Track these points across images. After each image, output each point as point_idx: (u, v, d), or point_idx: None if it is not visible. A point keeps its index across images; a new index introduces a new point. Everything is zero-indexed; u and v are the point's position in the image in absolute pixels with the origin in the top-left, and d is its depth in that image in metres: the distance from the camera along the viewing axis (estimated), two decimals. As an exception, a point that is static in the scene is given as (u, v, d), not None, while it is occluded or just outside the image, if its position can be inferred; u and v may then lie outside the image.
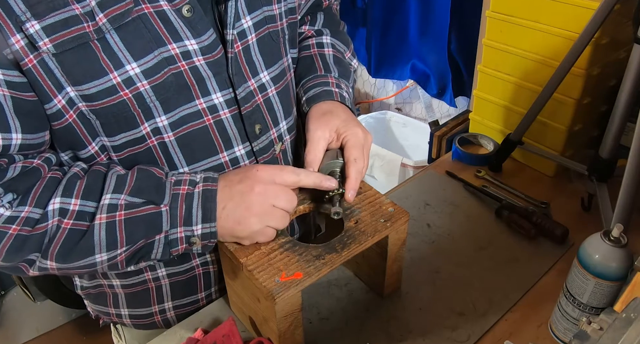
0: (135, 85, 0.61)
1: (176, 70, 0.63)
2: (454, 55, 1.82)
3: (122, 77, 0.60)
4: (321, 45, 0.88)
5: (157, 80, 0.62)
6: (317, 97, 0.81)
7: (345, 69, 0.89)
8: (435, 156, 1.49)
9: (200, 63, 0.65)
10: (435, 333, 0.78)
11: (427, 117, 2.17)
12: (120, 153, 0.66)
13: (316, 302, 0.83)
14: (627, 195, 0.84)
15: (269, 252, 0.68)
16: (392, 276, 0.81)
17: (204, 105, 0.67)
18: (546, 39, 0.99)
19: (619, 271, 0.66)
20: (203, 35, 0.64)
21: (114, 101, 0.61)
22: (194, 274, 0.79)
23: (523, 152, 1.11)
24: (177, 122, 0.66)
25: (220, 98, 0.68)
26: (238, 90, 0.69)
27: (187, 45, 0.63)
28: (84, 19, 0.56)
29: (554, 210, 1.01)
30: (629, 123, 0.91)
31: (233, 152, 0.72)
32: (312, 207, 0.77)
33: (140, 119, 0.64)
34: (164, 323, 0.84)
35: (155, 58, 0.61)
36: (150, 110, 0.63)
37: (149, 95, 0.62)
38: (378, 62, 2.09)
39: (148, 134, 0.65)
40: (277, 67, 0.75)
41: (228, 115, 0.69)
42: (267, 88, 0.74)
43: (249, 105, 0.71)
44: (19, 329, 1.96)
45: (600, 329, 0.55)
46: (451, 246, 0.94)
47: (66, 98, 0.59)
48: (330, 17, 0.94)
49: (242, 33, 0.69)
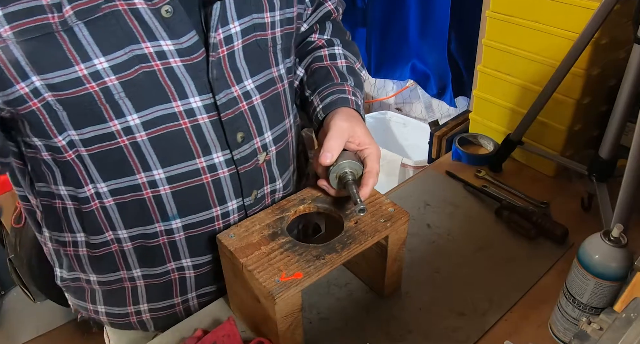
0: (102, 79, 0.60)
1: (149, 69, 0.62)
2: (454, 55, 1.82)
3: (88, 70, 0.59)
4: (334, 56, 0.88)
5: (127, 76, 0.61)
6: (333, 104, 0.80)
7: (359, 80, 0.88)
8: (435, 156, 1.49)
9: (177, 64, 0.64)
10: (435, 333, 0.78)
11: (427, 117, 2.17)
12: (90, 149, 0.65)
13: (316, 302, 0.83)
14: (627, 195, 0.84)
15: (269, 252, 0.68)
16: (392, 276, 0.81)
17: (180, 108, 0.66)
18: (546, 39, 0.99)
19: (619, 271, 0.66)
20: (182, 36, 0.63)
21: (79, 92, 0.60)
22: (170, 278, 0.78)
23: (523, 152, 1.11)
24: (150, 122, 0.65)
25: (199, 102, 0.67)
26: (218, 95, 0.68)
27: (162, 45, 0.62)
28: (49, 10, 0.56)
29: (554, 210, 1.01)
30: (629, 123, 0.91)
31: (211, 158, 0.70)
32: (312, 207, 0.77)
33: (108, 115, 0.63)
34: (139, 325, 0.83)
35: (125, 55, 0.61)
36: (119, 106, 0.63)
37: (117, 90, 0.62)
38: (378, 62, 2.09)
39: (118, 132, 0.64)
40: (264, 76, 0.74)
41: (207, 120, 0.68)
42: (252, 96, 0.73)
43: (230, 111, 0.70)
44: (19, 329, 1.96)
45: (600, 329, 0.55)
46: (451, 246, 0.94)
47: (31, 87, 0.59)
48: (339, 27, 0.93)
49: (229, 38, 0.68)
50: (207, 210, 0.73)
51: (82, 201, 0.70)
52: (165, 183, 0.69)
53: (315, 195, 0.78)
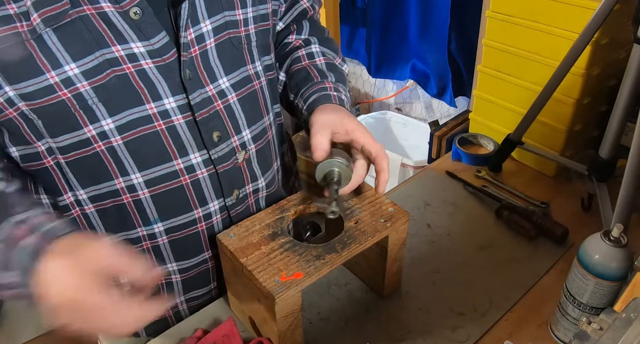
0: (74, 85, 0.60)
1: (120, 72, 0.62)
2: (454, 55, 1.82)
3: (60, 77, 0.59)
4: (311, 55, 0.87)
5: (99, 81, 0.61)
6: (316, 102, 0.79)
7: (341, 74, 0.87)
8: (435, 156, 1.49)
9: (149, 66, 0.63)
10: (435, 333, 0.78)
11: (427, 117, 2.17)
12: (68, 156, 0.65)
13: (316, 302, 0.83)
14: (627, 195, 0.84)
15: (269, 252, 0.68)
16: (392, 276, 0.81)
17: (154, 110, 0.65)
18: (546, 39, 0.99)
19: (618, 271, 0.66)
20: (152, 38, 0.63)
21: (52, 100, 0.60)
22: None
23: (523, 152, 1.11)
24: (124, 126, 0.64)
25: (172, 103, 0.66)
26: (192, 95, 0.67)
27: (132, 47, 0.62)
28: (17, 19, 0.56)
29: (554, 210, 1.01)
30: (629, 123, 0.91)
31: (188, 159, 0.70)
32: (312, 207, 0.77)
33: (83, 121, 0.63)
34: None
35: (96, 59, 0.60)
36: (93, 111, 0.62)
37: (90, 96, 0.61)
38: (378, 62, 2.09)
39: (94, 138, 0.64)
40: (239, 74, 0.73)
41: (182, 121, 0.67)
42: (228, 94, 0.72)
43: (205, 111, 0.69)
44: (19, 329, 1.96)
45: (600, 329, 0.55)
46: (451, 246, 0.94)
47: (5, 97, 0.59)
48: (316, 25, 0.92)
49: (201, 37, 0.67)
50: (189, 212, 0.73)
51: (62, 209, 0.70)
52: (144, 187, 0.69)
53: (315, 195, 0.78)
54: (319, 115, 0.75)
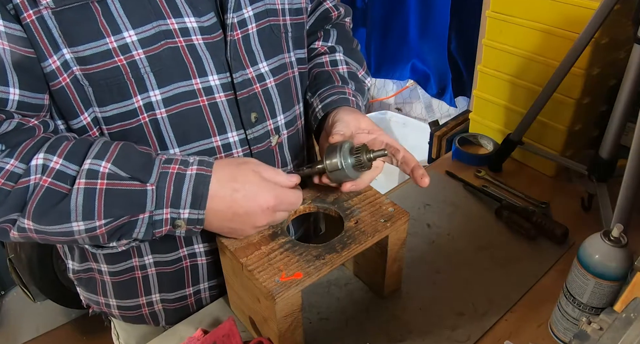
0: (130, 52, 0.62)
1: (173, 45, 0.64)
2: (454, 55, 1.82)
3: (118, 43, 0.61)
4: (335, 62, 0.89)
5: (153, 50, 0.63)
6: (334, 103, 0.81)
7: (361, 86, 0.89)
8: (435, 156, 1.50)
9: (199, 42, 0.66)
10: (435, 333, 0.78)
11: (427, 117, 2.17)
12: (112, 127, 0.66)
13: (316, 302, 0.83)
14: (627, 195, 0.84)
15: (269, 252, 0.68)
16: (392, 276, 0.81)
17: (199, 86, 0.68)
18: (546, 39, 0.99)
19: (618, 271, 0.67)
20: (204, 16, 0.66)
21: (107, 66, 0.62)
22: (181, 266, 0.79)
23: (523, 152, 1.11)
24: (170, 99, 0.66)
25: (217, 80, 0.69)
26: (235, 74, 0.70)
27: (186, 22, 0.65)
28: None
29: (554, 210, 1.01)
30: (629, 123, 0.91)
31: (226, 137, 0.72)
32: (312, 207, 0.77)
33: (133, 90, 0.64)
34: (151, 317, 0.84)
35: (153, 29, 0.63)
36: (143, 81, 0.64)
37: (144, 64, 0.63)
38: (378, 62, 2.10)
39: (140, 109, 0.66)
40: (277, 60, 0.76)
41: (224, 98, 0.70)
42: (266, 78, 0.74)
43: (246, 91, 0.72)
44: (19, 329, 1.96)
45: (600, 329, 0.55)
46: (451, 246, 0.94)
47: (61, 60, 0.60)
48: (344, 34, 0.94)
49: (243, 22, 0.70)
50: None
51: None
52: None
53: (315, 195, 0.78)
54: (342, 114, 0.78)
